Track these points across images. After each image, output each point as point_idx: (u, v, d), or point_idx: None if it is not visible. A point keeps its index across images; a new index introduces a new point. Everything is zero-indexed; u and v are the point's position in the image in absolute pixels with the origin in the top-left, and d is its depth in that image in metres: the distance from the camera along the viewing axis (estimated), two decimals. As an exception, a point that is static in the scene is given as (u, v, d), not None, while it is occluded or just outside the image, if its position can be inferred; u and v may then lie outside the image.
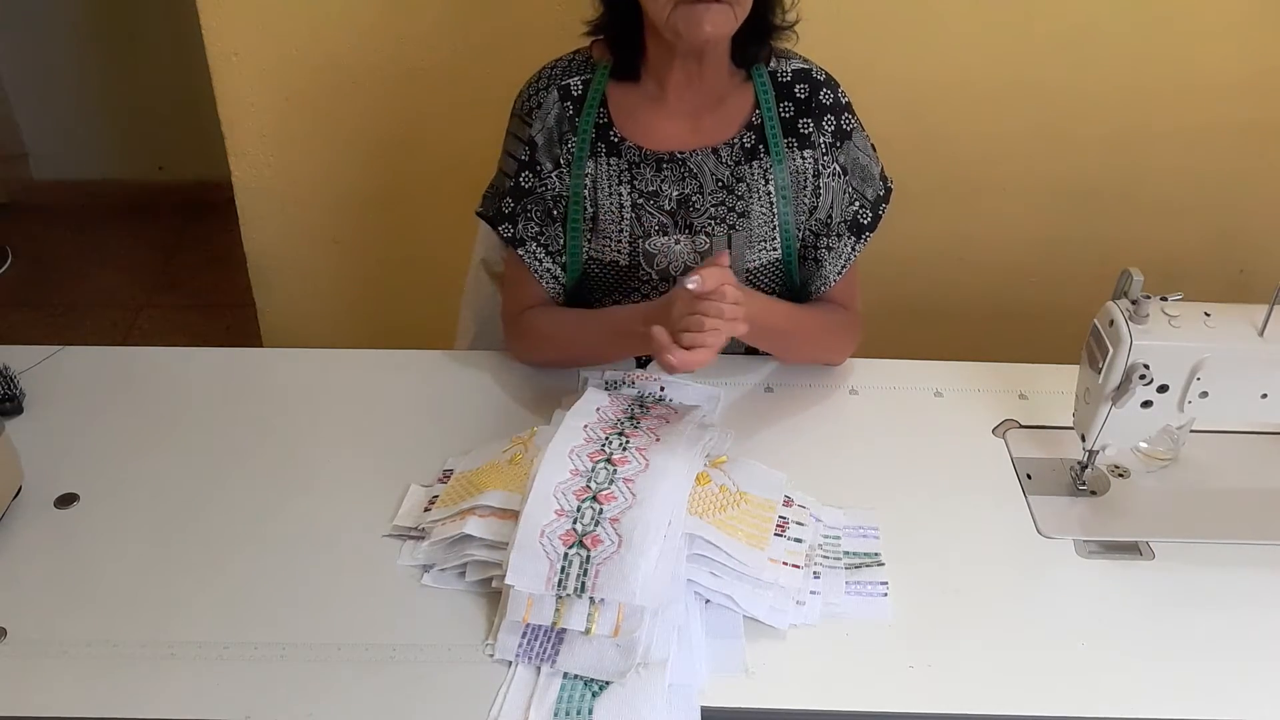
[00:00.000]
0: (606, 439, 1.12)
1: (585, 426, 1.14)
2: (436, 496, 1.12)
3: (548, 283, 1.34)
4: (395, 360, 1.36)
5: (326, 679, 0.94)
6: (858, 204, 1.33)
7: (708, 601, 1.02)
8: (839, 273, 1.34)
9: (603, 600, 0.97)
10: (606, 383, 1.29)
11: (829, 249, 1.33)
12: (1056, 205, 2.03)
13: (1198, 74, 1.88)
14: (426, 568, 1.05)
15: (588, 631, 0.96)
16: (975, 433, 1.27)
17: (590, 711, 0.92)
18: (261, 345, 2.19)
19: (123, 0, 2.97)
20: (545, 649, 0.97)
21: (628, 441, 1.12)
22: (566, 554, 0.99)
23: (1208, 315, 1.07)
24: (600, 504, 1.03)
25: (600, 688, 0.94)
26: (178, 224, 3.16)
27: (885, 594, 1.04)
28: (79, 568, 1.06)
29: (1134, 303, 1.06)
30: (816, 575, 1.05)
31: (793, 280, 1.37)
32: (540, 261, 1.33)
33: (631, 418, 1.18)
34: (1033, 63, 1.87)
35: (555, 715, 0.92)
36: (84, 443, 1.21)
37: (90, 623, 0.99)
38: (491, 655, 0.97)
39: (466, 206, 1.52)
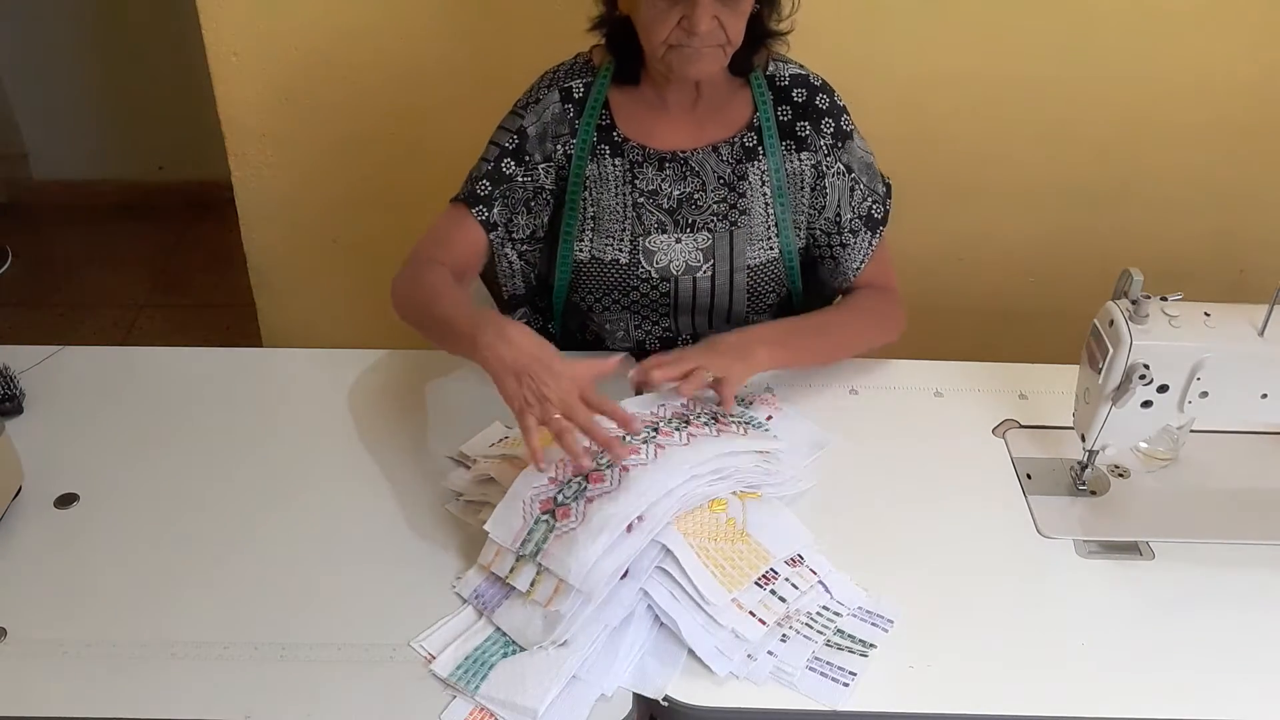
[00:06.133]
0: (653, 427, 1.12)
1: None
2: (506, 438, 1.17)
3: (502, 267, 1.35)
4: (395, 360, 1.36)
5: (326, 679, 0.94)
6: (870, 200, 1.36)
7: (660, 622, 1.00)
8: (858, 268, 1.37)
9: (547, 570, 0.98)
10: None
11: (844, 245, 1.36)
12: (1056, 205, 2.03)
13: (1198, 74, 1.88)
14: (458, 495, 1.13)
15: (527, 594, 0.98)
16: (975, 433, 1.27)
17: (490, 669, 0.94)
18: (261, 345, 2.19)
19: (122, 0, 2.97)
20: (493, 599, 1.01)
21: (655, 435, 1.11)
22: (539, 519, 1.01)
23: (1208, 315, 1.07)
24: (588, 482, 1.03)
25: (515, 651, 0.96)
26: (178, 224, 3.16)
27: (847, 684, 0.95)
28: (79, 568, 1.06)
29: (1134, 303, 1.06)
30: (784, 639, 0.99)
31: (793, 278, 1.38)
32: (504, 246, 1.34)
33: (686, 420, 1.15)
34: (1033, 63, 1.87)
35: (465, 659, 0.96)
36: (84, 443, 1.21)
37: (90, 623, 0.99)
38: (453, 588, 1.02)
39: (466, 206, 1.52)
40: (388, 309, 2.20)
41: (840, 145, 1.34)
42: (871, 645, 0.99)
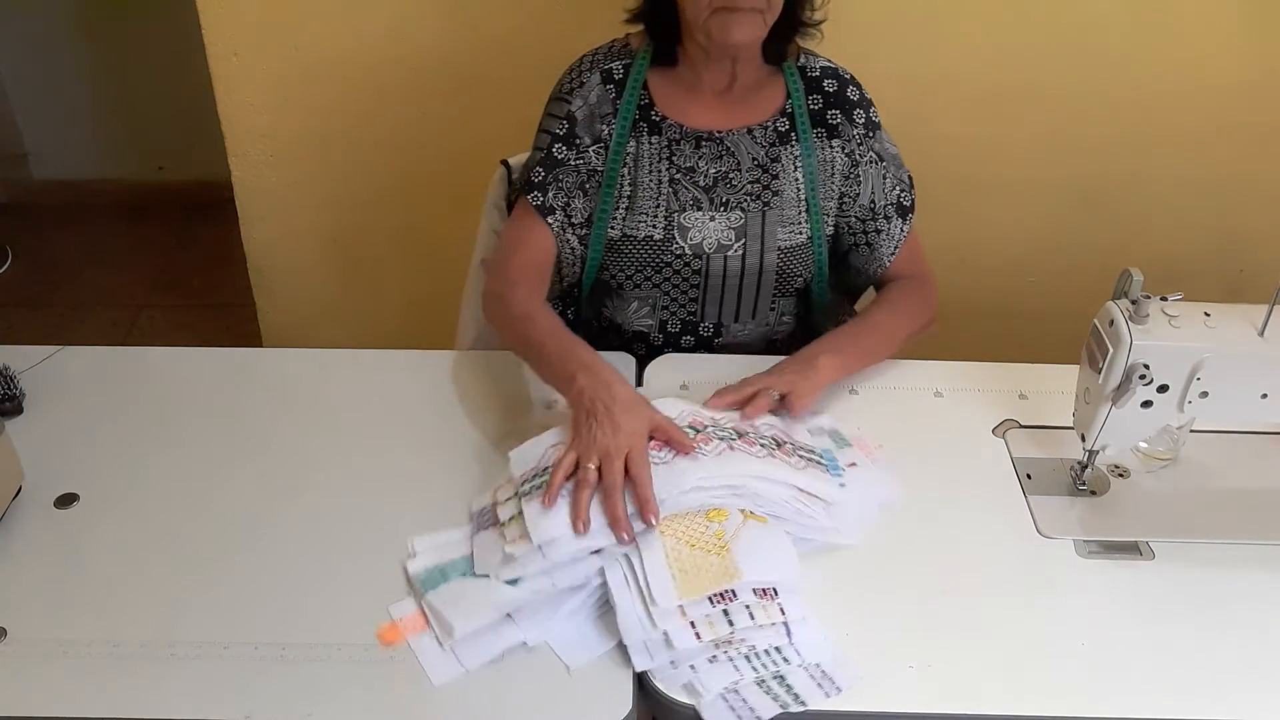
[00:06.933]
0: (696, 428, 1.11)
1: (686, 413, 1.14)
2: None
3: (565, 253, 1.36)
4: (395, 360, 1.36)
5: (326, 679, 0.94)
6: (899, 189, 1.41)
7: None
8: (892, 253, 1.42)
9: (521, 515, 1.02)
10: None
11: (878, 232, 1.41)
12: (1056, 205, 2.03)
13: (1198, 75, 1.88)
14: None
15: (503, 526, 1.03)
16: (975, 433, 1.27)
17: (446, 581, 1.01)
18: (261, 345, 2.19)
19: (123, 1, 2.97)
20: (483, 523, 1.06)
21: (692, 434, 1.09)
22: (546, 469, 1.05)
23: (1208, 315, 1.07)
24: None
25: (473, 574, 1.01)
26: (178, 224, 3.16)
27: None
28: (79, 568, 1.06)
29: (1134, 303, 1.06)
30: (713, 660, 0.95)
31: (819, 264, 1.41)
32: (564, 231, 1.35)
33: (740, 434, 1.12)
34: (1033, 63, 1.87)
35: (433, 566, 1.03)
36: (84, 443, 1.21)
37: (90, 623, 0.99)
38: (469, 504, 1.10)
39: (466, 206, 1.52)
40: (388, 309, 2.21)
41: (871, 135, 1.39)
42: (803, 702, 0.92)
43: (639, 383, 1.32)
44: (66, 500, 1.13)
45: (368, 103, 1.91)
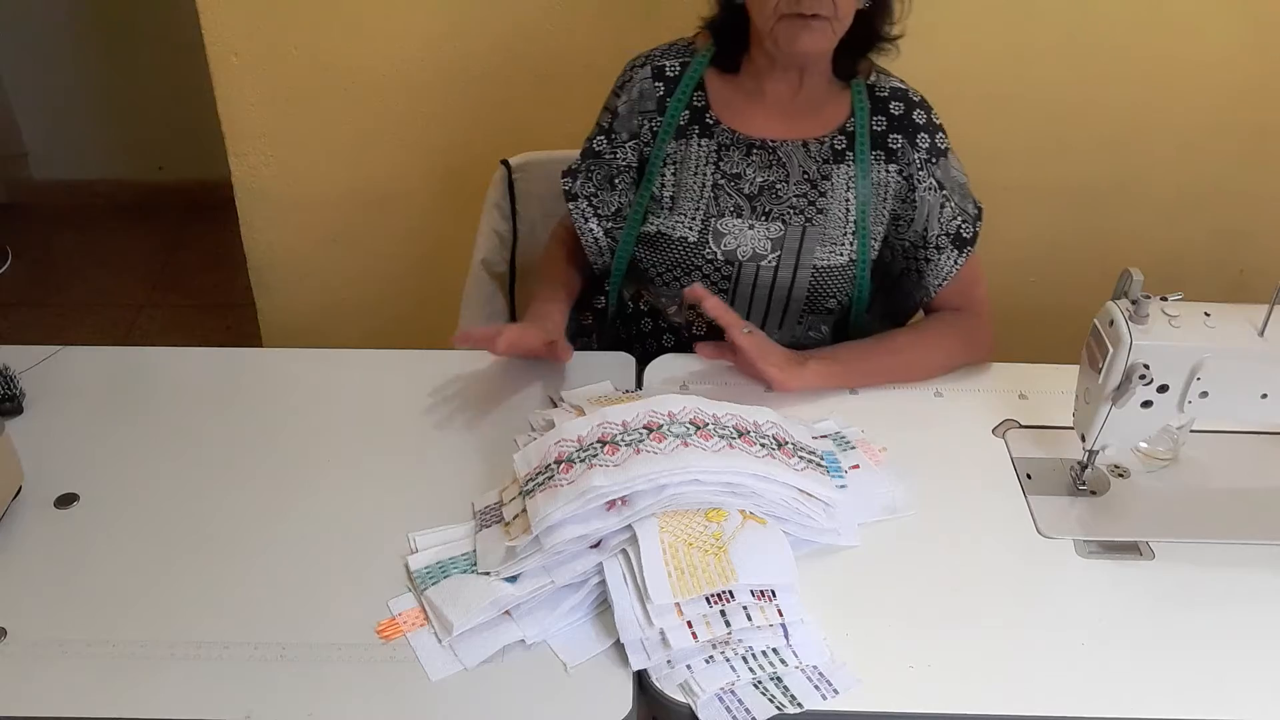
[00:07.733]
0: (698, 425, 1.10)
1: (689, 409, 1.12)
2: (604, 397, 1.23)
3: (587, 241, 1.40)
4: (395, 360, 1.36)
5: (326, 679, 0.94)
6: (960, 219, 1.36)
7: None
8: (939, 284, 1.37)
9: (525, 511, 1.03)
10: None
11: (928, 260, 1.37)
12: (1056, 205, 2.03)
13: (1198, 75, 1.88)
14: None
15: (507, 525, 1.04)
16: (975, 433, 1.27)
17: (446, 577, 1.01)
18: (261, 345, 2.19)
19: (122, 0, 2.97)
20: (487, 520, 1.08)
21: (693, 433, 1.08)
22: (549, 466, 1.06)
23: (1208, 315, 1.07)
24: (604, 451, 1.04)
25: (474, 571, 1.02)
26: (178, 224, 3.16)
27: None
28: (79, 568, 1.06)
29: (1134, 303, 1.06)
30: (709, 660, 0.95)
31: (860, 287, 1.38)
32: (586, 220, 1.39)
33: (741, 433, 1.10)
34: (1033, 63, 1.87)
35: (434, 563, 1.04)
36: (84, 443, 1.21)
37: (90, 623, 0.99)
38: (472, 502, 1.11)
39: (467, 206, 1.52)
40: (388, 309, 2.21)
41: (934, 161, 1.36)
42: (799, 704, 0.92)
43: (639, 383, 1.32)
44: (66, 500, 1.13)
45: (368, 103, 1.91)
